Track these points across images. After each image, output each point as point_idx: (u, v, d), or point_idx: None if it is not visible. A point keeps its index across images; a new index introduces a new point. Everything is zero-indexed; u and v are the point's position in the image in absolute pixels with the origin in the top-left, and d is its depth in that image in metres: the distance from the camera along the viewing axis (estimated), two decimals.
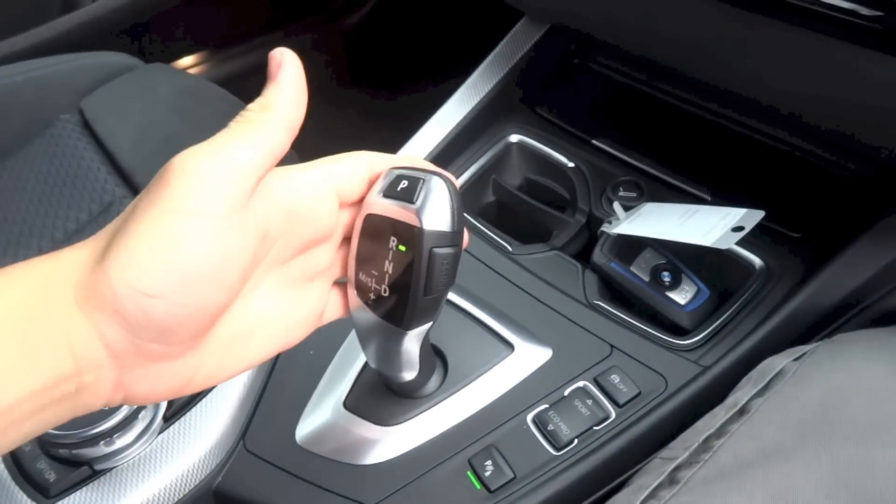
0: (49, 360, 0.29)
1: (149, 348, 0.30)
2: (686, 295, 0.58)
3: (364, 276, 0.40)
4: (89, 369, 0.30)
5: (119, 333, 0.29)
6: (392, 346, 0.43)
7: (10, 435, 0.29)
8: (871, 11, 0.45)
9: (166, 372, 0.32)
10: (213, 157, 0.31)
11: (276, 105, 0.33)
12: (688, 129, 0.69)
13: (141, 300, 0.29)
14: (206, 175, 0.30)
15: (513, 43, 0.74)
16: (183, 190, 0.30)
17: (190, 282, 0.30)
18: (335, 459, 0.50)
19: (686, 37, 0.59)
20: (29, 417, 0.29)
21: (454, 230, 0.38)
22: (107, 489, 0.47)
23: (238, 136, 0.32)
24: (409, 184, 0.38)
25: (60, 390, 0.29)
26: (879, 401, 0.43)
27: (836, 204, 0.60)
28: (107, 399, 0.31)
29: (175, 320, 0.30)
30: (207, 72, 1.26)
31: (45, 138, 0.85)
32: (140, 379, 0.31)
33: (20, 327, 0.28)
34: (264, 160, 0.32)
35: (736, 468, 0.42)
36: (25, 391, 0.28)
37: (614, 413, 0.51)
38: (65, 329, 0.29)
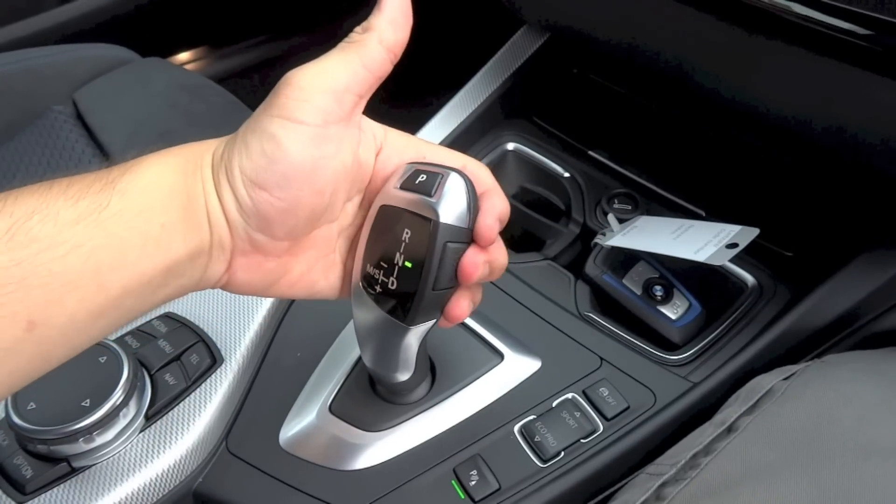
0: (197, 227, 0.34)
1: (255, 237, 0.36)
2: (677, 310, 0.58)
3: (372, 266, 0.40)
4: (217, 246, 0.35)
5: (235, 215, 0.35)
6: (392, 342, 0.43)
7: (159, 294, 0.34)
8: (865, 31, 0.45)
9: (263, 267, 0.38)
10: (316, 73, 0.35)
11: (375, 26, 0.36)
12: (684, 144, 0.69)
13: (250, 187, 0.34)
14: (306, 88, 0.34)
15: (512, 51, 0.74)
16: (287, 99, 0.34)
17: (288, 179, 0.34)
18: (319, 464, 0.49)
19: (683, 52, 0.59)
20: (176, 278, 0.34)
21: (469, 227, 0.38)
22: (85, 487, 0.46)
23: (338, 56, 0.36)
24: (428, 178, 0.38)
25: (200, 260, 0.35)
26: (867, 423, 0.43)
27: (830, 225, 0.60)
28: (219, 278, 0.37)
29: (275, 211, 0.35)
30: (204, 68, 1.26)
31: (37, 128, 0.84)
32: (243, 268, 0.37)
33: (179, 191, 0.34)
34: (361, 77, 0.36)
35: (722, 486, 0.42)
36: (182, 250, 0.34)
37: (602, 426, 0.50)
38: (205, 202, 0.35)
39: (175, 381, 0.50)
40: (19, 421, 0.45)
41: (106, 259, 0.31)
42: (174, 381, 0.50)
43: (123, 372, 0.47)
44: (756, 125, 0.60)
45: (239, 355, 0.53)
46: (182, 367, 0.51)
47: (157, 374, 0.50)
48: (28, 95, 0.88)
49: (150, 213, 0.32)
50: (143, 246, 0.32)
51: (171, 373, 0.51)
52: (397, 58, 0.37)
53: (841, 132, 0.52)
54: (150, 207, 0.32)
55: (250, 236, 0.36)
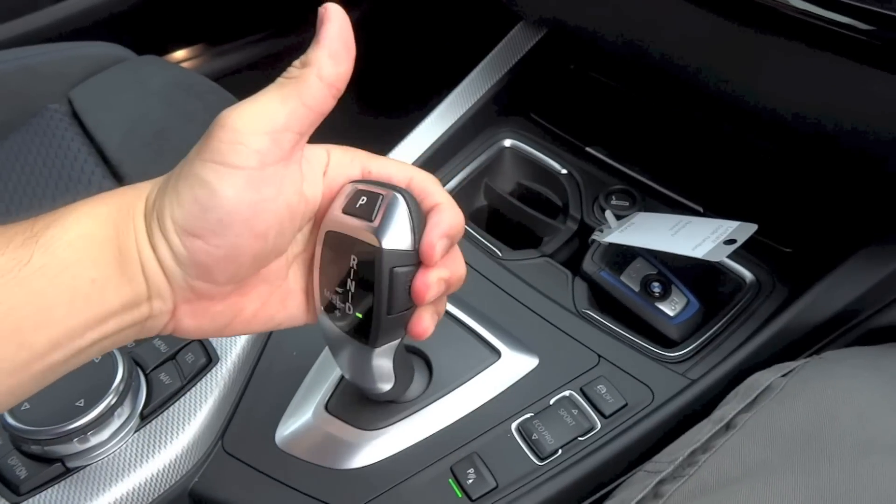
0: (131, 279, 0.33)
1: (195, 284, 0.34)
2: (675, 306, 0.58)
3: (328, 291, 0.39)
4: (156, 296, 0.34)
5: (172, 265, 0.33)
6: (362, 361, 0.42)
7: (94, 347, 0.33)
8: (867, 26, 0.45)
9: (211, 311, 0.36)
10: (252, 112, 0.33)
11: (315, 61, 0.34)
12: (682, 141, 0.69)
13: (184, 237, 0.33)
14: (241, 130, 0.32)
15: (509, 47, 0.74)
16: (220, 142, 0.32)
17: (225, 226, 0.33)
18: (315, 463, 0.49)
19: (681, 49, 0.59)
20: (113, 333, 0.33)
21: (415, 248, 0.37)
22: (79, 487, 0.46)
23: (275, 93, 0.34)
24: (368, 200, 0.37)
25: (139, 311, 0.33)
26: (865, 421, 0.43)
27: (829, 221, 0.60)
28: (163, 326, 0.35)
29: (212, 259, 0.33)
30: (200, 66, 1.25)
31: (31, 127, 0.83)
32: (188, 315, 0.35)
33: (110, 243, 0.32)
34: (301, 115, 0.34)
35: (720, 484, 0.42)
36: (116, 304, 0.32)
37: (600, 424, 0.50)
38: (139, 253, 0.33)
39: (170, 381, 0.50)
40: (13, 421, 0.44)
41: (28, 317, 0.30)
42: (169, 381, 0.50)
43: (118, 371, 0.47)
44: (755, 121, 0.60)
45: (234, 354, 0.53)
46: (177, 366, 0.51)
47: (152, 373, 0.50)
48: (23, 94, 0.87)
49: (78, 268, 0.31)
50: (71, 302, 0.31)
51: (166, 372, 0.50)
52: (340, 92, 0.35)
53: (840, 127, 0.52)
54: (77, 262, 0.31)
55: (190, 284, 0.34)
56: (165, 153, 0.79)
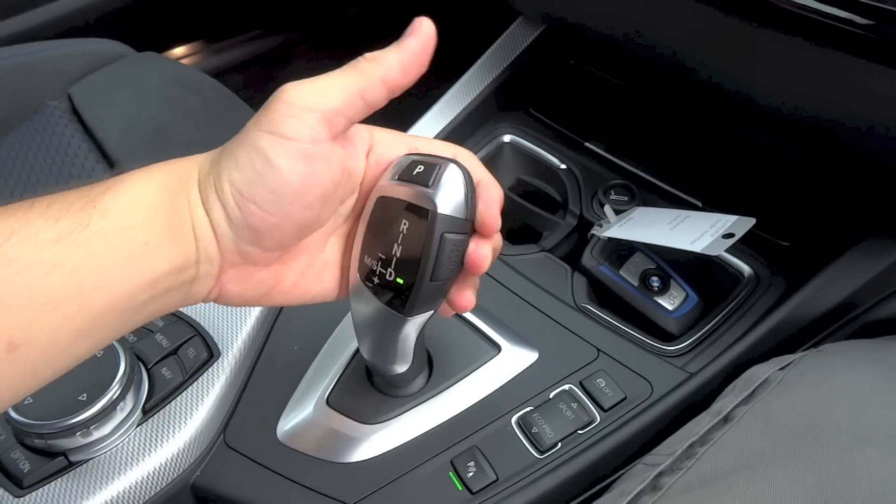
0: (183, 242, 0.34)
1: (244, 248, 0.36)
2: (674, 301, 0.58)
3: (370, 258, 0.40)
4: (205, 260, 0.35)
5: (224, 228, 0.35)
6: (390, 334, 0.43)
7: (143, 311, 0.34)
8: (865, 20, 0.45)
9: (255, 277, 0.38)
10: (311, 92, 0.35)
11: (385, 62, 0.36)
12: (681, 135, 0.69)
13: (240, 200, 0.34)
14: (298, 104, 0.34)
15: (508, 43, 0.74)
16: (279, 114, 0.34)
17: (278, 194, 0.34)
18: (316, 457, 0.49)
19: (681, 43, 0.59)
20: (162, 295, 0.34)
21: (467, 217, 0.38)
22: (82, 481, 0.46)
23: (338, 79, 0.35)
24: (426, 168, 0.38)
25: (186, 274, 0.35)
26: (862, 412, 0.43)
27: (826, 215, 0.60)
28: (208, 292, 0.37)
29: (265, 225, 0.35)
30: (199, 62, 1.25)
31: (32, 124, 0.84)
32: (234, 279, 0.37)
33: (164, 208, 0.33)
34: (356, 106, 0.35)
35: (718, 476, 0.42)
36: (166, 266, 0.33)
37: (599, 417, 0.50)
38: (191, 217, 0.34)
39: (172, 375, 0.50)
40: (16, 415, 0.45)
41: (87, 278, 0.31)
42: (171, 375, 0.50)
43: (120, 366, 0.47)
44: (753, 116, 0.60)
45: (236, 349, 0.53)
46: (179, 361, 0.51)
47: (153, 367, 0.50)
48: (23, 91, 0.87)
49: (133, 231, 0.32)
50: (126, 264, 0.32)
51: (167, 367, 0.51)
52: (395, 94, 0.37)
53: (837, 121, 0.52)
54: (132, 226, 0.32)
55: (239, 248, 0.36)
56: (165, 149, 0.79)
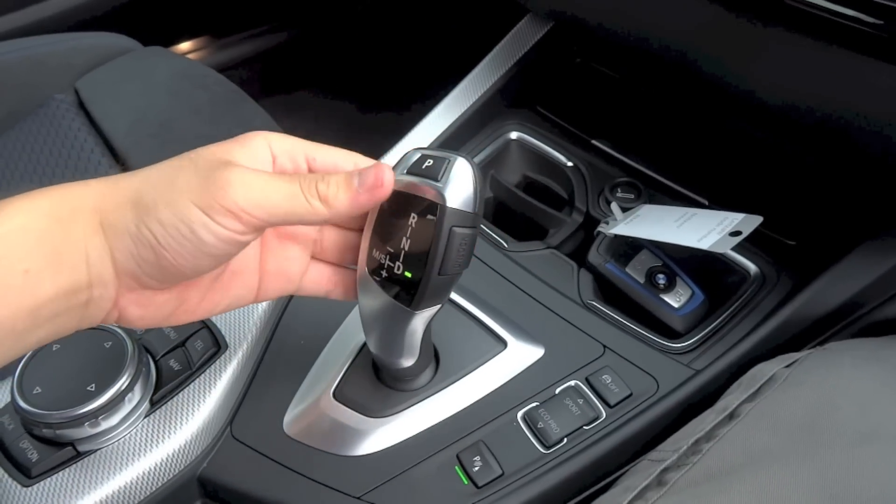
0: (71, 268, 0.34)
1: (147, 281, 0.36)
2: (680, 298, 0.58)
3: (378, 252, 0.40)
4: (98, 284, 0.35)
5: (128, 260, 0.35)
6: (397, 327, 0.43)
7: (28, 338, 0.34)
8: (874, 19, 0.45)
9: (156, 301, 0.37)
10: (258, 194, 0.35)
11: (336, 207, 0.36)
12: (688, 134, 0.69)
13: (157, 248, 0.34)
14: (242, 206, 0.34)
15: (515, 40, 0.74)
16: (218, 201, 0.34)
17: (196, 256, 0.35)
18: (323, 449, 0.49)
19: (689, 41, 0.59)
20: (48, 321, 0.34)
21: (475, 212, 0.39)
22: (90, 471, 0.46)
23: (289, 196, 0.36)
24: (435, 163, 0.38)
25: (76, 298, 0.34)
26: (867, 410, 0.43)
27: (833, 214, 0.60)
28: (105, 315, 0.36)
29: (176, 268, 0.35)
30: (206, 58, 1.26)
31: (38, 117, 0.84)
32: (133, 303, 0.37)
33: (49, 234, 0.33)
34: (289, 222, 0.38)
35: (724, 472, 0.42)
36: (51, 292, 0.33)
37: (605, 413, 0.50)
38: (85, 244, 0.34)
39: (179, 367, 0.51)
40: (25, 405, 0.45)
41: None
42: (179, 367, 0.50)
43: (128, 357, 0.47)
44: (760, 114, 0.60)
45: (243, 342, 0.53)
46: (186, 353, 0.51)
47: (161, 359, 0.51)
48: (30, 84, 0.88)
49: (10, 260, 0.32)
50: (3, 295, 0.32)
51: (175, 358, 0.51)
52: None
53: (844, 120, 0.52)
54: (8, 255, 0.32)
55: (139, 279, 0.36)
56: (171, 143, 0.80)
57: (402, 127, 0.70)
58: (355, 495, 0.47)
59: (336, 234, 0.44)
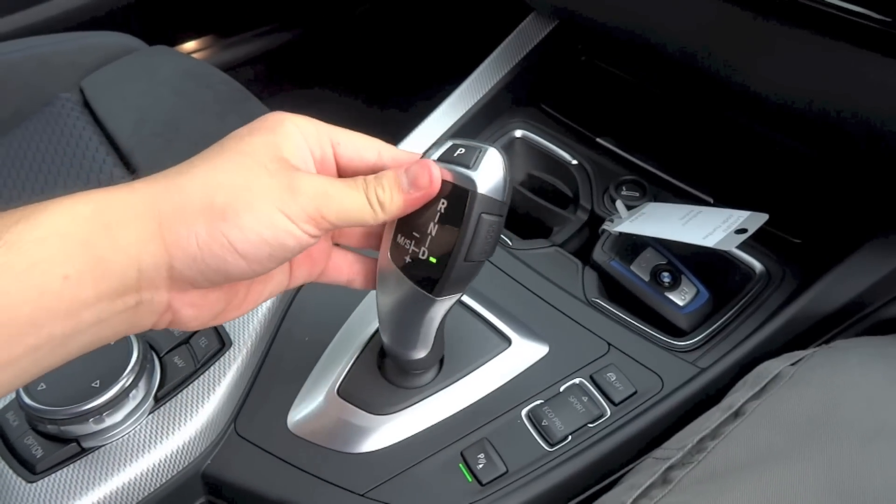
0: (118, 275, 0.33)
1: (202, 284, 0.35)
2: (685, 296, 0.58)
3: (403, 237, 0.41)
4: (148, 286, 0.34)
5: (189, 267, 0.34)
6: (417, 315, 0.43)
7: (70, 344, 0.33)
8: (881, 16, 0.45)
9: (209, 300, 0.37)
10: (334, 199, 0.36)
11: (391, 210, 0.38)
12: (693, 131, 0.69)
13: (232, 254, 0.34)
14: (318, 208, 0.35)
15: (520, 38, 0.74)
16: (299, 208, 0.35)
17: (272, 260, 0.36)
18: (326, 447, 0.49)
19: (694, 38, 0.59)
20: (92, 326, 0.33)
21: (504, 200, 0.39)
22: (94, 467, 0.46)
23: (355, 201, 0.37)
24: (467, 151, 0.39)
25: (123, 303, 0.33)
26: (874, 407, 0.43)
27: (839, 212, 0.60)
28: (158, 318, 0.36)
29: (242, 275, 0.35)
30: (210, 57, 1.26)
31: (44, 116, 0.84)
32: (188, 304, 0.36)
33: (93, 241, 0.32)
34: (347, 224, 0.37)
35: (729, 470, 0.42)
36: (92, 298, 0.32)
37: (609, 411, 0.50)
38: (137, 250, 0.33)
39: (184, 364, 0.51)
40: (30, 401, 0.45)
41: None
42: (183, 364, 0.51)
43: (133, 354, 0.47)
44: (766, 111, 0.60)
45: (247, 339, 0.53)
46: (191, 350, 0.51)
47: (166, 356, 0.51)
48: (35, 83, 0.88)
49: (47, 265, 0.31)
50: (39, 299, 0.30)
51: (179, 355, 0.51)
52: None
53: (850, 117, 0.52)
54: (46, 259, 0.31)
55: (195, 283, 0.35)
56: (176, 142, 0.80)
57: (406, 124, 0.70)
58: (359, 493, 0.47)
59: None
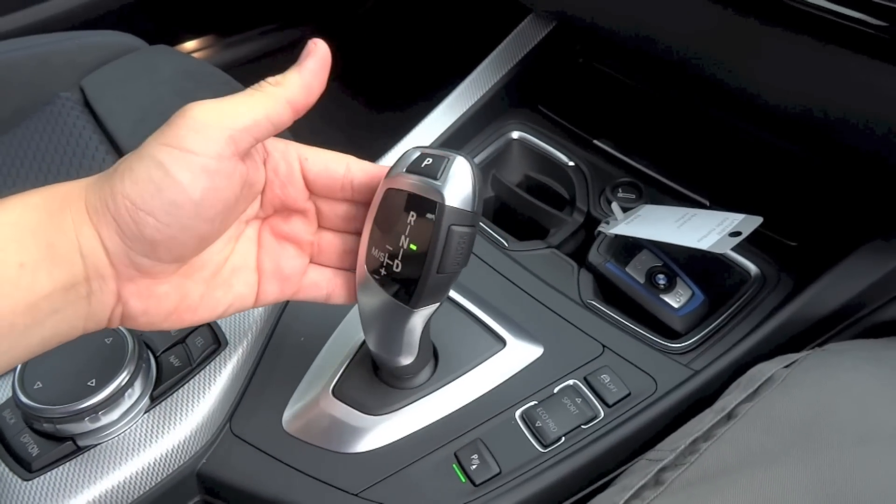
0: (66, 261, 0.34)
1: (140, 261, 0.35)
2: (680, 298, 0.58)
3: (377, 250, 0.40)
4: (95, 276, 0.35)
5: (116, 242, 0.34)
6: (396, 326, 0.43)
7: (30, 337, 0.33)
8: (878, 21, 0.45)
9: (156, 292, 0.37)
10: (217, 110, 0.35)
11: (289, 84, 0.37)
12: (689, 135, 0.69)
13: (135, 212, 0.34)
14: (205, 123, 0.34)
15: (518, 40, 0.74)
16: (182, 130, 0.34)
17: (176, 206, 0.34)
18: (321, 446, 0.49)
19: (692, 43, 0.59)
20: (49, 317, 0.33)
21: (474, 210, 0.39)
22: (90, 466, 0.47)
23: (245, 100, 0.36)
24: (434, 161, 0.39)
25: (76, 292, 0.34)
26: (867, 411, 0.43)
27: (834, 215, 0.60)
28: (110, 311, 0.36)
29: (161, 237, 0.35)
30: (211, 57, 1.26)
31: (44, 114, 0.84)
32: (135, 295, 0.36)
33: (41, 228, 0.33)
34: (261, 125, 0.36)
35: (721, 472, 0.42)
36: (48, 287, 0.33)
37: (603, 412, 0.50)
38: (76, 235, 0.34)
39: (180, 363, 0.51)
40: (26, 400, 0.45)
41: None
42: (179, 363, 0.51)
43: (129, 353, 0.47)
44: (762, 115, 0.60)
45: (243, 338, 0.53)
46: (187, 350, 0.52)
47: (161, 355, 0.51)
48: (35, 82, 0.88)
49: (5, 253, 0.32)
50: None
51: (175, 355, 0.51)
52: (299, 115, 0.38)
53: (846, 121, 0.52)
54: (2, 248, 0.32)
55: (133, 261, 0.35)
56: None
57: (404, 125, 0.71)
58: (353, 492, 0.47)
59: (333, 237, 0.44)
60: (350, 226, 0.44)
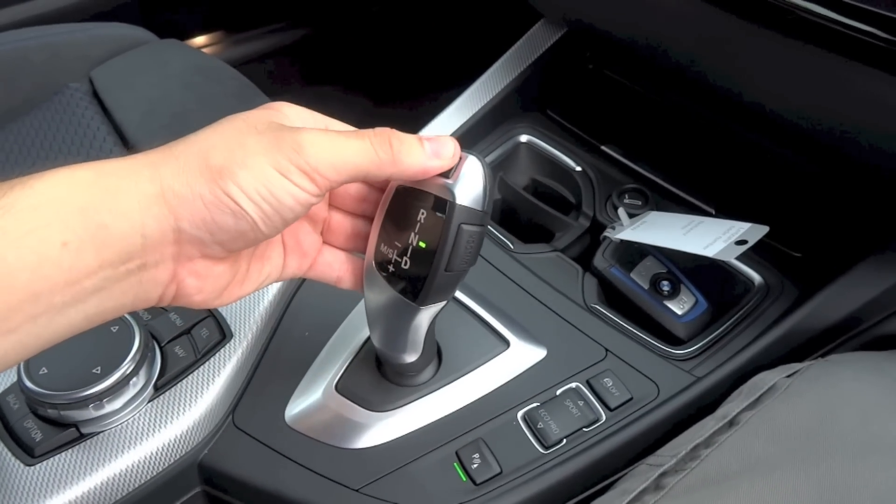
0: (120, 241, 0.32)
1: (212, 248, 0.35)
2: (684, 305, 0.58)
3: (386, 247, 0.41)
4: (154, 255, 0.34)
5: (197, 229, 0.34)
6: (402, 323, 0.43)
7: (72, 314, 0.32)
8: (887, 35, 0.45)
9: (214, 272, 0.37)
10: (328, 150, 0.35)
11: (405, 165, 0.37)
12: (696, 142, 0.69)
13: (237, 212, 0.33)
14: (314, 164, 0.34)
15: (529, 44, 0.75)
16: (292, 162, 0.34)
17: (282, 218, 0.35)
18: (323, 441, 0.49)
19: (702, 51, 0.59)
20: (93, 295, 0.32)
21: (484, 210, 0.39)
22: (92, 453, 0.47)
23: (356, 151, 0.36)
24: None
25: (126, 268, 0.33)
26: (868, 421, 0.43)
27: (839, 227, 0.61)
28: (163, 289, 0.35)
29: (255, 234, 0.35)
30: (220, 52, 1.26)
31: (53, 104, 0.84)
32: (193, 274, 0.36)
33: (93, 207, 0.31)
34: (354, 181, 0.37)
35: (721, 478, 0.42)
36: (94, 265, 0.31)
37: (605, 416, 0.51)
38: (140, 215, 0.32)
39: (184, 354, 0.51)
40: (31, 385, 0.45)
41: None
42: (183, 354, 0.51)
43: (134, 342, 0.47)
44: (769, 125, 0.60)
45: (248, 331, 0.53)
46: (192, 341, 0.52)
47: (167, 346, 0.51)
48: (45, 72, 0.88)
49: (45, 231, 0.30)
50: (37, 267, 0.30)
51: (180, 345, 0.51)
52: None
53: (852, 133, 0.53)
54: (44, 226, 0.30)
55: (206, 246, 0.35)
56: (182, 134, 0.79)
57: (414, 125, 0.71)
58: (354, 488, 0.47)
59: (343, 218, 0.44)
60: (360, 207, 0.44)
